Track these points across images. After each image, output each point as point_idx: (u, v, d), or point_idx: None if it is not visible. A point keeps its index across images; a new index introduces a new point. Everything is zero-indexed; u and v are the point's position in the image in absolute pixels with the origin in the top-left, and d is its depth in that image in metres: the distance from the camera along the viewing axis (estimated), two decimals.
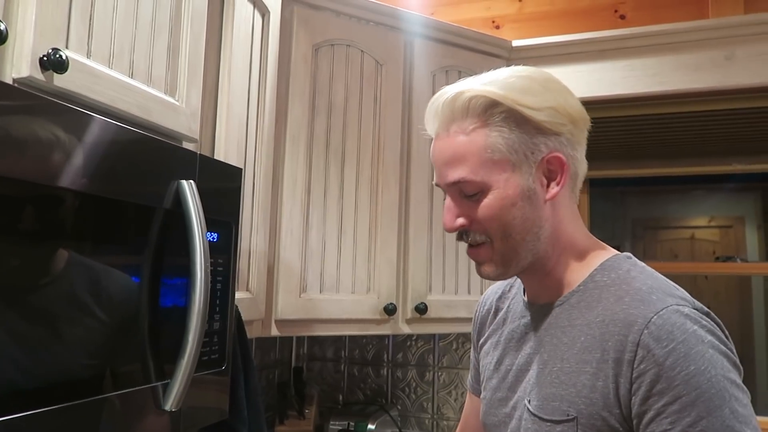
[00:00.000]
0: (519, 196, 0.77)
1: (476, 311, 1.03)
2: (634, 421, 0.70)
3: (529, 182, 0.78)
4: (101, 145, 0.82)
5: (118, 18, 0.93)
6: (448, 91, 0.80)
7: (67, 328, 0.78)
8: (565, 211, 0.81)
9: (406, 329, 1.73)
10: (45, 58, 0.78)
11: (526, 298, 0.89)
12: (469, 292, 1.83)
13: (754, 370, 3.67)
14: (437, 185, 0.84)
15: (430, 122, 0.84)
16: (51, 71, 0.79)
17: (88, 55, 0.87)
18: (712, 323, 0.72)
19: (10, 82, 0.76)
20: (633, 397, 0.70)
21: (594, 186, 2.23)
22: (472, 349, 1.04)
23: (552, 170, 0.78)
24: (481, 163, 0.77)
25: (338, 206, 1.64)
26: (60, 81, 0.81)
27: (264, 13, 1.44)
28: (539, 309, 0.85)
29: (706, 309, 0.73)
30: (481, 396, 0.94)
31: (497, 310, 0.96)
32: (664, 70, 1.85)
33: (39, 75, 0.78)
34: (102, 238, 0.83)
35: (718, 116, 1.99)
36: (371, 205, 1.69)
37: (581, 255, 0.82)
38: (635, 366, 0.70)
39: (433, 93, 1.83)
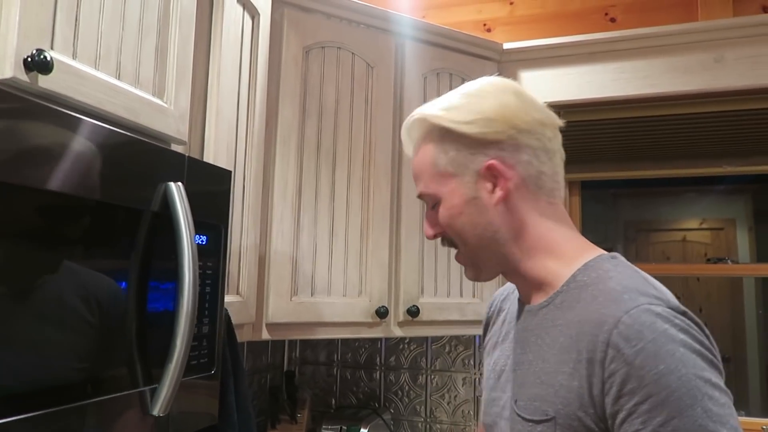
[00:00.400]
0: (464, 204, 0.84)
1: (485, 313, 1.05)
2: (609, 422, 0.70)
3: (473, 190, 0.83)
4: (88, 147, 0.81)
5: (105, 19, 0.92)
6: (412, 115, 0.89)
7: (54, 333, 0.76)
8: (527, 213, 0.84)
9: (398, 332, 1.72)
10: (29, 59, 0.77)
11: (519, 300, 0.91)
12: (461, 295, 1.82)
13: (746, 371, 3.69)
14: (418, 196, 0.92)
15: (404, 145, 0.94)
16: (35, 72, 0.78)
17: (74, 57, 0.86)
18: (688, 322, 0.71)
19: None
20: (606, 398, 0.70)
21: (586, 188, 2.23)
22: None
23: (494, 176, 0.83)
24: (431, 177, 0.86)
25: (329, 209, 1.63)
26: (45, 82, 0.80)
27: (254, 14, 1.44)
28: (529, 310, 0.86)
29: (682, 308, 0.72)
30: (482, 396, 0.96)
31: (500, 311, 0.98)
32: (654, 73, 1.85)
33: (23, 76, 0.77)
34: (89, 241, 0.82)
35: (708, 118, 2.00)
36: (363, 207, 1.68)
37: (561, 255, 0.83)
38: (606, 366, 0.70)
39: (424, 95, 1.86)
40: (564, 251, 0.83)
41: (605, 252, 0.84)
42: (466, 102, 0.84)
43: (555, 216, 0.85)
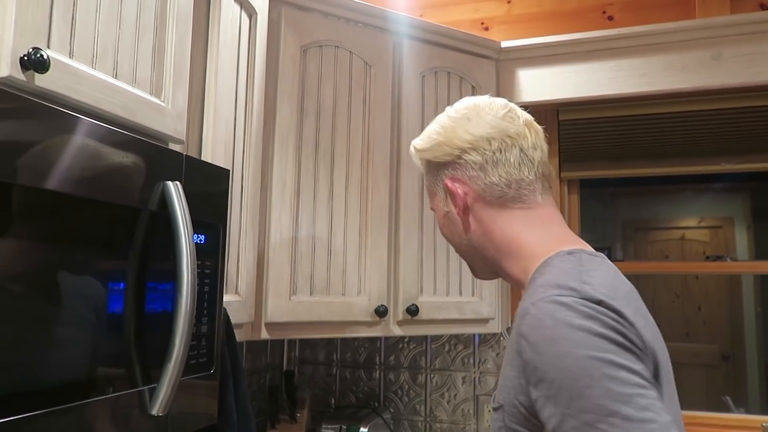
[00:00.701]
0: (443, 218, 0.97)
1: None
2: (534, 408, 0.73)
3: (445, 206, 0.95)
4: (85, 146, 0.81)
5: (102, 18, 0.92)
6: None
7: (54, 332, 0.76)
8: (492, 220, 0.90)
9: (397, 331, 1.72)
10: (25, 58, 0.77)
11: None
12: (460, 294, 1.82)
13: (745, 369, 3.69)
14: None
15: None
16: (32, 71, 0.78)
17: (71, 55, 0.86)
18: (601, 309, 0.71)
19: None
20: (528, 386, 0.73)
21: (584, 187, 2.23)
22: None
23: (449, 191, 0.92)
24: (429, 195, 1.00)
25: (328, 208, 1.63)
26: (41, 81, 0.80)
27: (251, 14, 1.43)
28: None
29: (598, 298, 0.72)
30: None
31: None
32: (652, 71, 1.86)
33: (19, 75, 0.77)
34: (87, 240, 0.82)
35: (705, 116, 2.00)
36: (361, 206, 1.68)
37: (530, 256, 0.86)
38: (522, 356, 0.74)
39: (423, 94, 1.86)
40: (533, 252, 0.86)
41: (578, 247, 0.85)
42: (426, 130, 0.97)
43: (527, 219, 0.89)
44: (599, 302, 0.72)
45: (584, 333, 0.69)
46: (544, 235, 0.88)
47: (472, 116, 0.91)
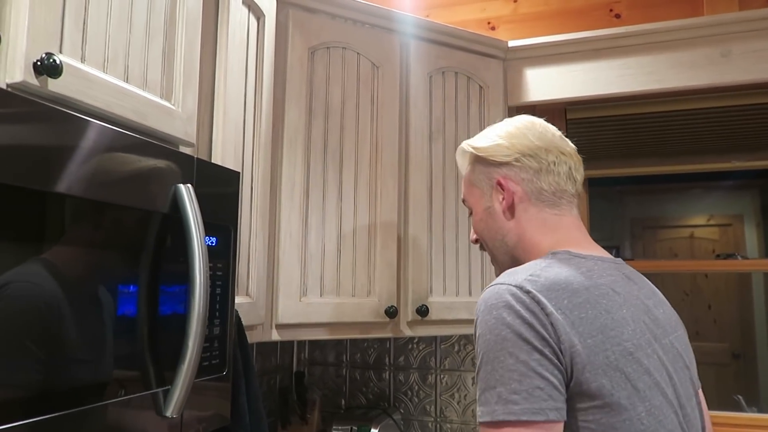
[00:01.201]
0: (483, 212, 1.05)
1: None
2: None
3: (489, 201, 1.04)
4: (97, 149, 0.81)
5: (112, 23, 0.93)
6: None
7: (65, 336, 0.77)
8: (529, 221, 1.01)
9: (407, 332, 1.72)
10: (39, 63, 0.77)
11: None
12: (470, 294, 1.82)
13: (756, 367, 3.67)
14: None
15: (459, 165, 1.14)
16: (45, 76, 0.78)
17: (83, 60, 0.87)
18: (520, 296, 0.82)
19: (4, 88, 0.75)
20: None
21: (592, 185, 2.23)
22: None
23: (502, 189, 1.02)
24: (468, 190, 1.09)
25: (337, 209, 1.63)
26: (54, 86, 0.80)
27: (259, 16, 1.44)
28: None
29: (527, 288, 0.83)
30: None
31: None
32: (660, 68, 1.85)
33: (33, 80, 0.77)
34: (99, 243, 0.83)
35: (715, 113, 1.99)
36: (370, 207, 1.68)
37: (540, 255, 0.98)
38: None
39: (430, 94, 1.87)
40: (541, 251, 0.98)
41: (571, 248, 0.95)
42: (486, 133, 1.07)
43: (555, 225, 1.00)
44: (527, 292, 0.83)
45: (496, 320, 0.82)
46: (557, 238, 0.99)
47: (535, 130, 1.04)
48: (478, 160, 1.06)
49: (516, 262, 1.00)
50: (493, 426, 0.79)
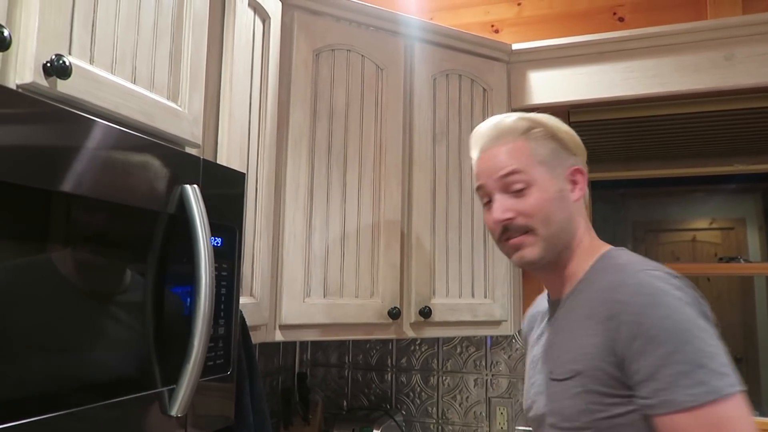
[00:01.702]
0: (556, 192, 0.99)
1: (524, 330, 1.21)
2: (624, 364, 0.85)
3: (561, 183, 1.00)
4: (105, 150, 0.82)
5: (120, 24, 0.93)
6: (492, 119, 1.05)
7: (71, 335, 0.77)
8: (581, 213, 1.03)
9: (410, 333, 1.72)
10: (48, 64, 0.78)
11: (548, 299, 1.09)
12: (473, 296, 1.82)
13: (758, 371, 3.66)
14: (480, 188, 1.03)
15: (477, 144, 1.05)
16: (54, 77, 0.79)
17: (91, 61, 0.87)
18: (680, 284, 0.87)
19: (14, 88, 0.76)
20: (620, 344, 0.85)
21: (595, 188, 2.23)
22: None
23: (575, 179, 1.01)
24: (529, 162, 0.99)
25: (341, 210, 1.64)
26: (63, 87, 0.81)
27: (264, 18, 1.45)
28: (556, 303, 1.04)
29: (677, 275, 0.88)
30: (524, 393, 1.10)
31: (535, 321, 1.15)
32: (664, 72, 1.85)
33: (42, 81, 0.78)
34: (106, 243, 0.83)
35: (718, 117, 1.99)
36: (374, 208, 1.69)
37: (588, 251, 1.01)
38: (615, 319, 0.86)
39: (434, 97, 1.87)
40: (589, 247, 1.02)
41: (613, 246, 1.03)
42: (546, 118, 1.04)
43: (588, 219, 1.06)
44: (677, 277, 0.88)
45: (679, 301, 0.84)
46: (593, 234, 1.06)
47: None
48: (556, 140, 1.01)
49: (559, 255, 1.00)
50: (723, 401, 0.79)
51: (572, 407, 0.90)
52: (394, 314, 1.65)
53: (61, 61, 0.79)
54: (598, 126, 2.10)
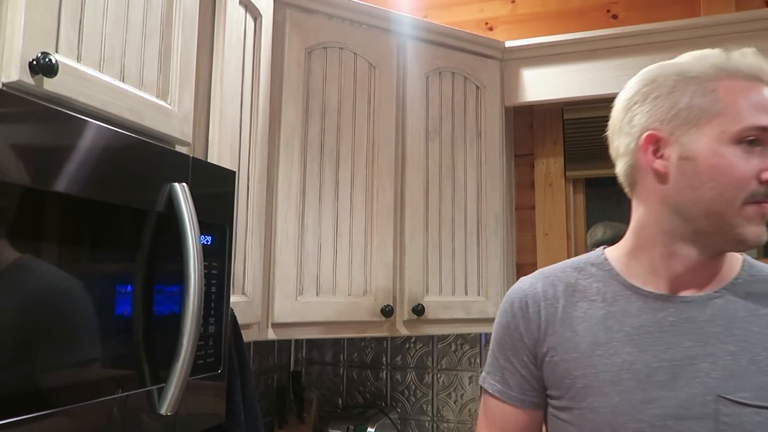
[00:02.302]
0: None
1: (523, 311, 0.94)
2: None
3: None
4: (93, 148, 0.82)
5: (108, 22, 0.93)
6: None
7: (60, 334, 0.77)
8: None
9: (403, 331, 1.72)
10: (34, 62, 0.78)
11: (652, 290, 0.86)
12: (466, 293, 1.82)
13: None
14: (761, 129, 0.79)
15: (764, 72, 0.83)
16: (41, 75, 0.79)
17: (79, 59, 0.87)
18: None
19: (0, 87, 0.76)
20: None
21: (590, 186, 2.23)
22: (510, 354, 0.94)
23: None
24: None
25: (333, 208, 1.64)
26: (50, 85, 0.81)
27: (256, 16, 1.45)
28: (689, 301, 0.84)
29: None
30: (594, 403, 0.83)
31: (567, 306, 0.90)
32: None
33: (28, 79, 0.78)
34: (94, 242, 0.83)
35: None
36: (366, 206, 1.69)
37: None
38: None
39: (427, 95, 1.86)
40: None
41: None
42: None
43: None
44: None
45: None
46: None
47: None
48: None
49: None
50: None
51: None
52: (387, 312, 1.65)
53: (47, 59, 0.78)
54: (592, 123, 2.10)
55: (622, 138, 0.90)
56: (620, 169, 0.92)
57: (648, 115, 0.85)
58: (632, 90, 0.89)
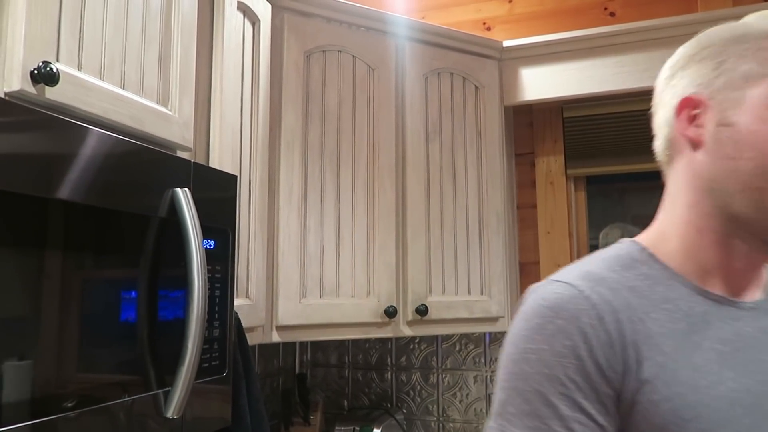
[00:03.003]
0: None
1: (597, 329, 0.63)
2: None
3: None
4: (95, 156, 0.82)
5: (108, 30, 0.94)
6: None
7: (67, 340, 0.78)
8: None
9: (407, 331, 1.73)
10: (36, 72, 0.79)
11: (720, 294, 0.70)
12: (469, 293, 1.83)
13: None
14: None
15: None
16: (42, 84, 0.80)
17: (79, 68, 0.88)
18: None
19: (2, 96, 0.77)
20: None
21: (591, 183, 2.24)
22: (581, 398, 0.62)
23: None
24: None
25: (335, 211, 1.65)
26: (51, 94, 0.82)
27: (254, 21, 1.45)
28: (753, 308, 0.70)
29: None
30: None
31: (643, 321, 0.66)
32: (655, 66, 1.86)
33: (30, 88, 0.79)
34: (98, 248, 0.84)
35: None
36: (368, 208, 1.70)
37: None
38: None
39: (426, 96, 1.87)
40: None
41: None
42: None
43: None
44: None
45: None
46: None
47: None
48: None
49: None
50: None
51: None
52: (391, 313, 1.65)
53: (48, 68, 0.79)
54: (591, 121, 2.10)
55: (660, 110, 0.76)
56: (657, 145, 0.77)
57: (689, 79, 0.72)
58: (677, 55, 0.76)
